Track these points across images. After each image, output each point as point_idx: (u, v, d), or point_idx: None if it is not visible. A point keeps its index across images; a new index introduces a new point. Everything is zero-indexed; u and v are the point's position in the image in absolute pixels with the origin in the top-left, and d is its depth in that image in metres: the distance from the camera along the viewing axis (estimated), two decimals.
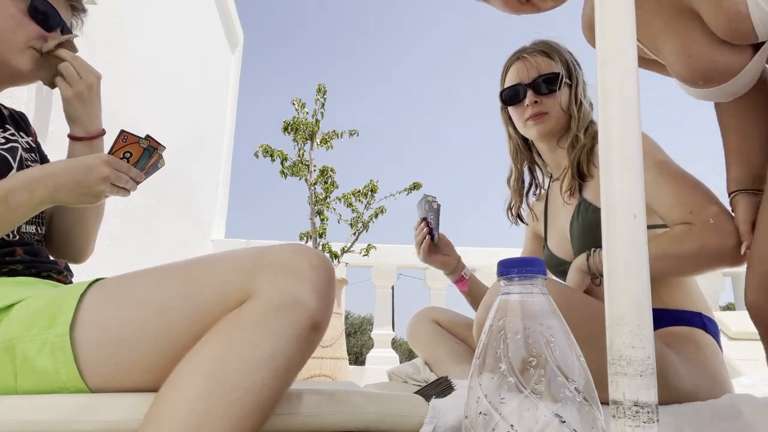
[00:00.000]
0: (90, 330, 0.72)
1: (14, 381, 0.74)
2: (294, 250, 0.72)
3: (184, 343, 0.69)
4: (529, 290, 0.49)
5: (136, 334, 0.72)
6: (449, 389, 0.92)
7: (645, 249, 0.44)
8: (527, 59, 1.35)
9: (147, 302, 0.73)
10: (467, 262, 1.59)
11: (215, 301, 0.70)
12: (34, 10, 0.97)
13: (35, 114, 2.20)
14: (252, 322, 0.67)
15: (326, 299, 0.71)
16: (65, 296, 0.75)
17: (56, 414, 0.70)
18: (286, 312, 0.67)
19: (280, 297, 0.67)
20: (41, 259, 0.96)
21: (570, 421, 0.44)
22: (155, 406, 0.65)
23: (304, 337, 0.68)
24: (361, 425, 0.77)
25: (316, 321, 0.69)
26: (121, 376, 0.73)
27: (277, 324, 0.66)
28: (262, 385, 0.65)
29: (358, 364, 4.63)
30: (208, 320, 0.69)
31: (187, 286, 0.72)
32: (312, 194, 3.76)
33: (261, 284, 0.68)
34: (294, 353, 0.68)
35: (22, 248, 0.94)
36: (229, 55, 5.33)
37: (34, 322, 0.73)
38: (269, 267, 0.70)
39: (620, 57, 0.47)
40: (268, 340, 0.66)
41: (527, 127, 1.35)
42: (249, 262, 0.71)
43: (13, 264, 0.90)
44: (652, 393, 0.42)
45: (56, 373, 0.72)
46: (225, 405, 0.63)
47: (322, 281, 0.71)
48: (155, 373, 0.70)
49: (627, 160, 0.45)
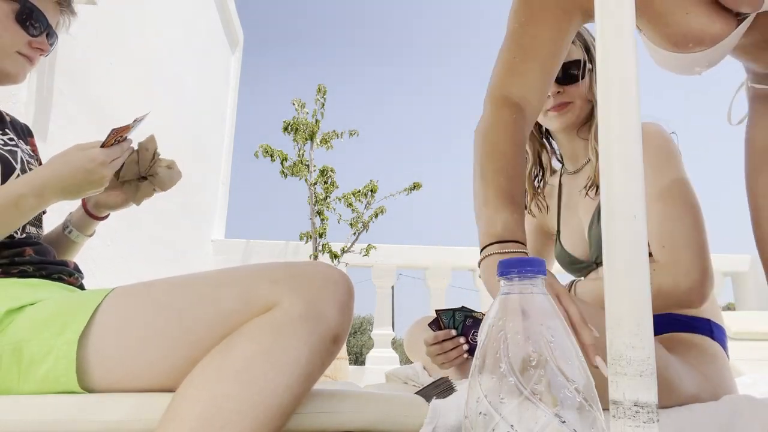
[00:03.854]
0: (108, 332, 0.73)
1: (17, 383, 0.74)
2: (318, 266, 0.76)
3: (202, 347, 0.70)
4: (529, 290, 0.49)
5: (157, 337, 0.72)
6: (450, 390, 0.92)
7: (645, 249, 0.44)
8: None
9: (171, 306, 0.74)
10: (467, 262, 1.58)
11: (239, 309, 0.72)
12: (20, 16, 0.97)
13: (35, 114, 2.20)
14: (280, 328, 0.69)
15: (347, 314, 0.74)
16: (81, 304, 0.76)
17: (56, 414, 0.70)
18: (311, 322, 0.70)
19: (306, 308, 0.70)
20: (51, 260, 0.96)
21: (570, 421, 0.44)
22: (179, 402, 0.65)
23: (325, 348, 0.71)
24: (361, 425, 0.78)
25: (337, 334, 0.73)
26: (133, 378, 0.73)
27: (304, 332, 0.69)
28: (285, 389, 0.67)
29: (358, 364, 4.63)
30: (230, 326, 0.71)
31: (213, 292, 0.74)
32: (312, 194, 3.76)
33: (286, 295, 0.71)
34: (316, 362, 0.70)
35: (32, 248, 0.94)
36: (229, 56, 5.33)
37: (45, 327, 0.74)
38: (295, 279, 0.73)
39: (620, 56, 0.47)
40: (294, 347, 0.68)
41: (549, 118, 1.26)
42: (275, 274, 0.74)
43: (23, 265, 0.90)
44: (652, 393, 0.42)
45: (56, 380, 0.72)
46: (252, 405, 0.64)
47: (344, 297, 0.74)
48: (167, 375, 0.71)
49: (627, 160, 0.45)
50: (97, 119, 2.66)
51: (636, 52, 0.48)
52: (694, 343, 1.10)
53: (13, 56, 0.99)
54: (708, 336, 1.12)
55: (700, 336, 1.12)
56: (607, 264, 0.45)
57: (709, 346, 1.11)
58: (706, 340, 1.12)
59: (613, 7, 0.48)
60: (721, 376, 1.07)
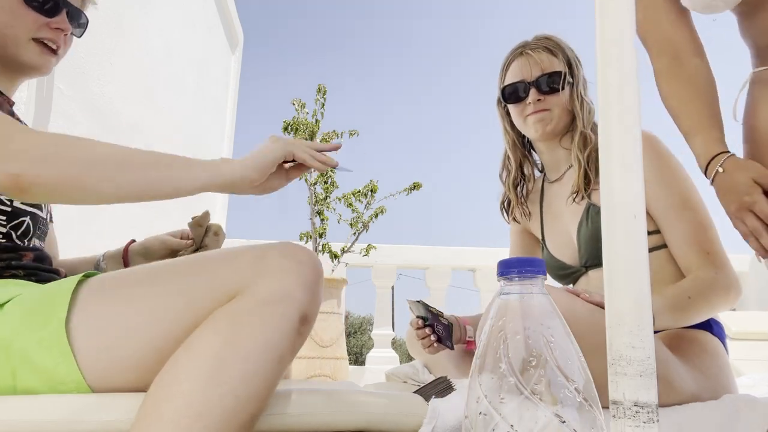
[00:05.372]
0: (84, 326, 0.73)
1: (12, 380, 0.73)
2: (282, 248, 0.75)
3: (176, 338, 0.70)
4: (529, 290, 0.49)
5: (129, 330, 0.73)
6: (449, 389, 0.92)
7: (645, 249, 0.44)
8: (530, 55, 1.31)
9: (139, 298, 0.74)
10: (467, 262, 1.58)
11: (207, 298, 0.72)
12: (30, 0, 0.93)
13: (35, 114, 2.20)
14: (245, 315, 0.69)
15: (314, 293, 0.74)
16: (57, 292, 0.75)
17: (56, 414, 0.70)
18: (277, 305, 0.70)
19: (271, 292, 0.70)
20: (44, 267, 0.95)
21: (570, 421, 0.44)
22: (149, 402, 0.65)
23: (294, 329, 0.71)
24: (361, 425, 0.78)
25: (306, 314, 0.72)
26: (116, 372, 0.73)
27: (269, 317, 0.69)
28: (254, 376, 0.67)
29: (358, 364, 4.63)
30: (200, 316, 0.71)
31: (180, 282, 0.74)
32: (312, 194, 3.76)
33: (252, 280, 0.71)
34: (285, 345, 0.70)
35: (32, 254, 0.93)
36: (229, 55, 5.33)
37: (29, 320, 0.74)
38: (260, 264, 0.72)
39: (620, 56, 0.47)
40: (261, 332, 0.68)
41: (528, 125, 1.32)
42: (240, 260, 0.74)
43: (17, 269, 0.90)
44: (652, 393, 0.42)
45: (55, 369, 0.72)
46: (219, 396, 0.64)
47: (310, 276, 0.74)
48: (148, 369, 0.71)
49: (627, 160, 0.45)
50: (97, 119, 2.66)
51: (636, 52, 0.48)
52: (695, 339, 1.11)
53: (29, 45, 0.95)
54: (708, 331, 1.13)
55: (701, 331, 1.13)
56: (607, 264, 0.45)
57: (709, 341, 1.12)
58: (706, 335, 1.13)
59: (613, 8, 0.48)
60: (721, 374, 1.08)
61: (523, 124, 1.34)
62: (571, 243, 1.31)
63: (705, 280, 1.07)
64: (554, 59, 1.31)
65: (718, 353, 1.11)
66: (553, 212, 1.39)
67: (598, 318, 0.94)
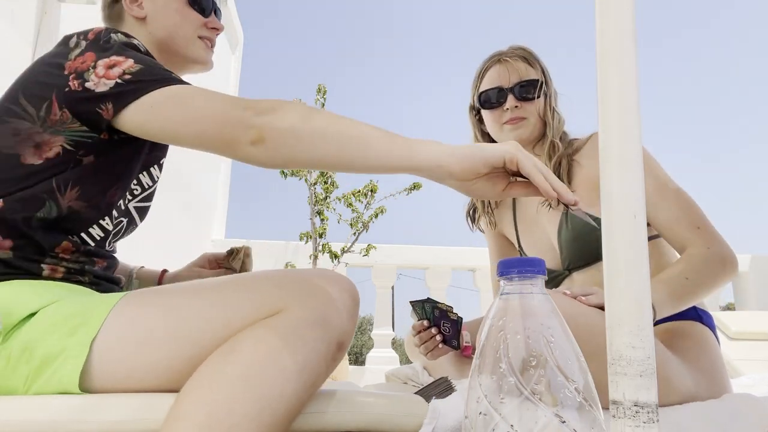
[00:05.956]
0: (113, 331, 0.72)
1: (24, 383, 0.73)
2: (325, 274, 0.76)
3: (207, 349, 0.70)
4: (529, 290, 0.49)
5: (163, 337, 0.72)
6: (449, 390, 0.92)
7: (645, 249, 0.44)
8: (508, 62, 1.33)
9: (180, 308, 0.74)
10: (467, 262, 1.58)
11: (246, 314, 0.71)
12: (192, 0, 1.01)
13: None
14: (287, 332, 0.68)
15: (352, 321, 0.75)
16: (96, 306, 0.75)
17: (56, 414, 0.70)
18: (318, 328, 0.70)
19: (313, 314, 0.70)
20: (110, 275, 0.93)
21: (570, 421, 0.44)
22: (185, 403, 0.64)
23: (331, 354, 0.71)
24: (361, 425, 0.78)
25: (343, 341, 0.73)
26: (134, 379, 0.73)
27: (311, 338, 0.69)
28: (293, 394, 0.67)
29: (358, 364, 4.63)
30: (235, 329, 0.71)
31: (223, 296, 0.74)
32: (312, 194, 3.76)
33: (295, 300, 0.71)
34: (321, 368, 0.70)
35: (105, 261, 0.91)
36: (229, 55, 5.33)
37: (59, 327, 0.73)
38: (303, 285, 0.73)
39: (620, 57, 0.47)
40: (302, 352, 0.68)
41: (504, 131, 1.33)
42: (285, 281, 0.74)
43: (85, 275, 0.87)
44: (652, 393, 0.42)
45: (59, 381, 0.72)
46: (260, 409, 0.64)
47: (350, 304, 0.74)
48: (169, 376, 0.71)
49: (627, 160, 0.45)
50: None
51: (635, 51, 0.48)
52: (687, 332, 1.12)
53: (197, 42, 1.02)
54: (697, 321, 1.14)
55: (691, 323, 1.13)
56: (607, 264, 0.45)
57: (700, 332, 1.12)
58: (696, 326, 1.13)
59: (613, 8, 0.48)
60: (714, 369, 1.09)
61: (499, 131, 1.34)
62: (552, 248, 1.31)
63: (698, 256, 1.08)
64: (530, 68, 1.33)
65: (710, 345, 1.12)
66: (528, 219, 1.40)
67: (598, 321, 0.95)
